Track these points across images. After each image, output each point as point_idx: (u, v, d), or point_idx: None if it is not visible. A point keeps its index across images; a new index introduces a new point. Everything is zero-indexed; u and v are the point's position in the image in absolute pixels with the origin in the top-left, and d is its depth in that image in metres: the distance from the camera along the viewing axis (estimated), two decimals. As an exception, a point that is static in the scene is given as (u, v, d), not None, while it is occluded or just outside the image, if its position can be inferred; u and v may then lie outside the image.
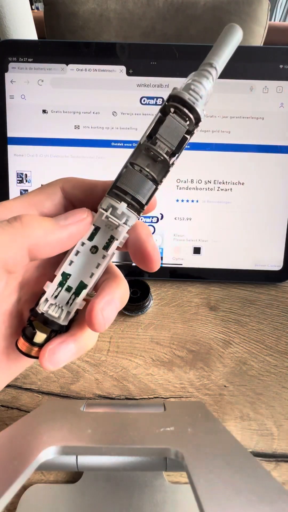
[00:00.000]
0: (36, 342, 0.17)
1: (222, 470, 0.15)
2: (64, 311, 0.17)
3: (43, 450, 0.17)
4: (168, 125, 0.15)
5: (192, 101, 0.15)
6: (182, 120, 0.15)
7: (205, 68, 0.16)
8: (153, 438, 0.18)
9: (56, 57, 0.35)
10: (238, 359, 0.31)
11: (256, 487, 0.14)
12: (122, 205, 0.16)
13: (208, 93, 0.16)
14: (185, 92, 0.15)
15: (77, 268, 0.17)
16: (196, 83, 0.15)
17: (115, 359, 0.31)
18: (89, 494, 0.22)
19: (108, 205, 0.16)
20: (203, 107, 0.16)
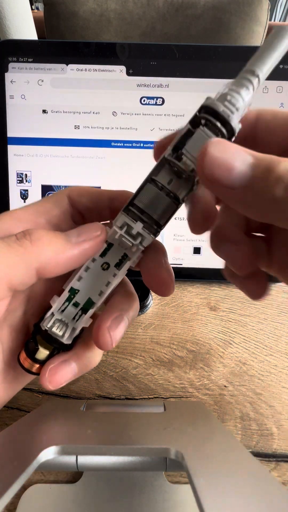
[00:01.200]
0: (37, 359, 0.16)
1: (222, 470, 0.15)
2: (69, 328, 0.16)
3: (43, 450, 0.17)
4: (197, 139, 0.14)
5: (227, 114, 0.13)
6: (213, 134, 0.14)
7: (245, 76, 0.14)
8: (153, 438, 0.18)
9: (56, 57, 0.35)
10: (238, 359, 0.31)
11: (256, 487, 0.14)
12: (138, 225, 0.15)
13: (246, 105, 0.14)
14: (219, 103, 0.13)
15: (86, 284, 0.16)
16: (234, 93, 0.14)
17: (115, 359, 0.31)
18: (89, 494, 0.22)
19: (123, 223, 0.15)
20: (238, 121, 0.14)
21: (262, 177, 0.12)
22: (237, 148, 0.12)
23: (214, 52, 0.34)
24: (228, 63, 0.34)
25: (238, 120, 0.14)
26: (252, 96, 0.14)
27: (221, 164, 0.12)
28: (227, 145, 0.12)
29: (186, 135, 0.14)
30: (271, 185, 0.12)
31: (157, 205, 0.15)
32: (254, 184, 0.12)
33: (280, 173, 0.11)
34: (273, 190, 0.11)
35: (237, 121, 0.14)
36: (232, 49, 0.34)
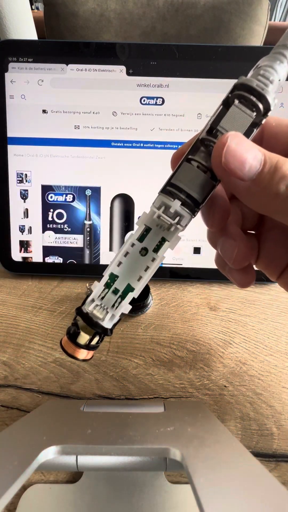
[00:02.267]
0: (79, 343, 0.16)
1: (222, 470, 0.15)
2: (109, 314, 0.16)
3: (43, 450, 0.17)
4: (232, 115, 0.14)
5: (261, 87, 0.13)
6: (248, 109, 0.14)
7: (278, 50, 0.14)
8: (153, 438, 0.18)
9: (56, 57, 0.35)
10: (238, 359, 0.31)
11: (256, 487, 0.14)
12: (175, 203, 0.14)
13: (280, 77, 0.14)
14: (252, 78, 0.13)
15: (125, 270, 0.16)
16: (267, 68, 0.13)
17: (115, 359, 0.31)
18: (89, 494, 0.22)
19: (161, 203, 0.15)
20: (274, 95, 0.14)
21: (269, 173, 0.13)
22: (250, 143, 0.13)
23: (214, 52, 0.34)
24: (228, 63, 0.34)
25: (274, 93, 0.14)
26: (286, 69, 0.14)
27: (236, 156, 0.13)
28: (243, 139, 0.13)
29: (220, 114, 0.14)
30: (276, 181, 0.13)
31: (195, 183, 0.14)
32: (262, 179, 0.13)
33: (285, 172, 0.13)
34: (278, 186, 0.13)
35: (273, 95, 0.14)
36: (232, 49, 0.34)
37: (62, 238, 0.39)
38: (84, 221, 0.38)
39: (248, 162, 0.13)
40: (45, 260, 0.39)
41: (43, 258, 0.39)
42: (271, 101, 0.14)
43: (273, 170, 0.13)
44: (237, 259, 0.18)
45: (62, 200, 0.38)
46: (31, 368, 0.31)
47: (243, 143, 0.13)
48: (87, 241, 0.39)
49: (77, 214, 0.38)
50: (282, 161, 0.13)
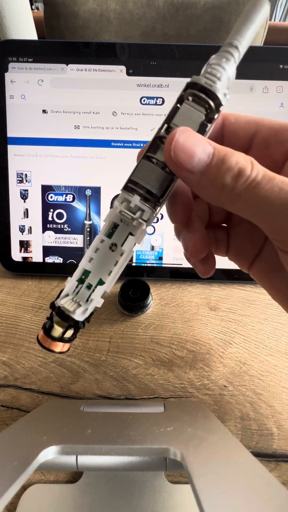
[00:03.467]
0: (53, 336, 0.17)
1: (222, 470, 0.15)
2: (81, 307, 0.17)
3: (43, 450, 0.17)
4: (183, 113, 0.15)
5: (209, 84, 0.14)
6: (199, 106, 0.15)
7: (225, 48, 0.15)
8: (153, 438, 0.18)
9: (56, 57, 0.35)
10: (238, 359, 0.31)
11: (256, 487, 0.14)
12: (135, 198, 0.15)
13: (228, 75, 0.15)
14: (200, 77, 0.14)
15: (97, 265, 0.17)
16: (214, 66, 0.14)
17: (115, 359, 0.31)
18: (89, 494, 0.22)
19: (123, 199, 0.16)
20: (225, 90, 0.15)
21: (217, 165, 0.14)
22: (200, 137, 0.14)
23: (214, 52, 0.34)
24: (228, 63, 0.34)
25: (224, 89, 0.15)
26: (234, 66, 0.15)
27: (184, 150, 0.14)
28: (192, 133, 0.14)
29: (174, 111, 0.15)
30: (222, 173, 0.14)
31: (153, 178, 0.15)
32: (210, 171, 0.14)
33: (231, 164, 0.13)
34: (224, 177, 0.14)
35: (223, 91, 0.14)
36: (232, 49, 0.34)
37: (62, 238, 0.39)
38: (84, 221, 0.38)
39: (197, 155, 0.14)
40: (45, 260, 0.39)
41: (43, 258, 0.39)
42: (221, 97, 0.14)
43: (220, 162, 0.14)
44: (192, 251, 0.19)
45: (62, 200, 0.38)
46: (31, 368, 0.31)
47: (192, 137, 0.14)
48: (87, 241, 0.39)
49: (77, 214, 0.38)
50: (230, 154, 0.14)
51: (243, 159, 0.14)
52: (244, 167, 0.13)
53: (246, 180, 0.13)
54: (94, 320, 0.34)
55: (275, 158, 0.17)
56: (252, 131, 0.17)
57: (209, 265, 0.20)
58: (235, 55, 0.14)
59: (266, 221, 0.14)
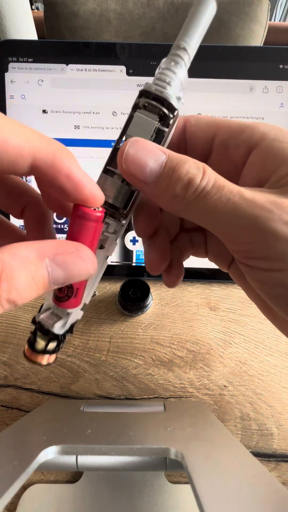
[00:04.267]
0: (37, 349, 0.17)
1: (222, 470, 0.15)
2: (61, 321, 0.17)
3: (43, 450, 0.17)
4: (136, 122, 0.14)
5: (159, 91, 0.14)
6: (152, 113, 0.14)
7: (174, 52, 0.14)
8: (153, 438, 0.18)
9: (56, 57, 0.35)
10: (238, 359, 0.31)
11: (256, 487, 0.14)
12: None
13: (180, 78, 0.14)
14: (151, 84, 0.14)
15: None
16: (164, 70, 0.14)
17: (115, 359, 0.31)
18: (89, 494, 0.22)
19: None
20: (178, 94, 0.14)
21: (168, 175, 0.13)
22: (153, 147, 0.14)
23: (214, 52, 0.34)
24: (228, 63, 0.34)
25: (176, 93, 0.14)
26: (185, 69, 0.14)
27: (135, 161, 0.13)
28: (143, 144, 0.14)
29: (128, 121, 0.15)
30: (173, 183, 0.13)
31: (113, 192, 0.15)
32: (161, 181, 0.13)
33: (181, 174, 0.13)
34: (174, 187, 0.13)
35: (176, 95, 0.14)
36: (232, 49, 0.34)
37: (62, 238, 0.39)
38: (84, 221, 0.38)
39: (148, 166, 0.13)
40: (45, 260, 0.39)
41: (43, 258, 0.39)
42: (173, 101, 0.14)
43: (171, 172, 0.13)
44: (148, 267, 0.19)
45: (62, 200, 0.38)
46: (31, 368, 0.31)
47: (143, 148, 0.13)
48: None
49: (77, 214, 0.38)
50: (182, 162, 0.13)
51: (194, 168, 0.13)
52: (194, 176, 0.13)
53: (195, 190, 0.13)
54: (94, 320, 0.34)
55: (235, 161, 0.16)
56: (211, 133, 0.16)
57: (172, 276, 0.20)
58: (184, 58, 0.14)
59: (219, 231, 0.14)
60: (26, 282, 0.12)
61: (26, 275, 0.12)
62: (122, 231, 0.16)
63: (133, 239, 0.38)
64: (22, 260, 0.12)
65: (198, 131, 0.17)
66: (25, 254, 0.12)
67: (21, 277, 0.12)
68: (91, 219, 0.14)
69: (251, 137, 0.15)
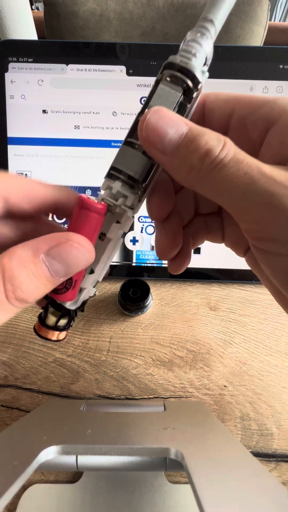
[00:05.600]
0: (48, 325, 0.17)
1: (222, 470, 0.15)
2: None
3: (43, 450, 0.17)
4: (160, 94, 0.14)
5: (184, 62, 0.14)
6: (175, 85, 0.14)
7: (200, 23, 0.14)
8: (153, 438, 0.18)
9: (56, 57, 0.35)
10: (238, 359, 0.31)
11: (256, 487, 0.14)
12: (116, 184, 0.15)
13: (205, 50, 0.14)
14: (177, 56, 0.14)
15: None
16: (190, 42, 0.14)
17: (115, 359, 0.31)
18: (89, 494, 0.22)
19: (106, 186, 0.16)
20: (201, 68, 0.14)
21: (186, 146, 0.13)
22: (175, 117, 0.13)
23: (214, 52, 0.34)
24: (228, 63, 0.34)
25: (201, 66, 0.14)
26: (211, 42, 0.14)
27: (156, 130, 0.13)
28: (166, 113, 0.13)
29: (151, 93, 0.14)
30: (190, 153, 0.13)
31: (133, 163, 0.15)
32: (179, 152, 0.13)
33: (199, 144, 0.13)
34: (191, 158, 0.13)
35: (200, 68, 0.14)
36: (232, 49, 0.34)
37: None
38: (84, 221, 0.38)
39: (168, 136, 0.13)
40: (45, 260, 0.39)
41: (43, 258, 0.39)
42: (198, 74, 0.14)
43: (190, 142, 0.13)
44: (158, 252, 0.19)
45: (62, 200, 0.38)
46: (31, 368, 0.31)
47: (165, 118, 0.13)
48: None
49: (77, 214, 0.38)
50: (202, 134, 0.13)
51: (215, 139, 0.13)
52: (213, 147, 0.13)
53: (213, 161, 0.13)
54: (94, 320, 0.34)
55: (253, 139, 0.15)
56: (230, 109, 0.16)
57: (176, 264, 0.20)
58: (211, 30, 0.14)
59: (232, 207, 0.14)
60: (28, 279, 0.12)
61: (27, 273, 0.12)
62: (138, 207, 0.16)
63: (133, 239, 0.38)
64: (20, 260, 0.12)
65: (216, 108, 0.16)
66: (21, 253, 0.13)
67: (22, 275, 0.12)
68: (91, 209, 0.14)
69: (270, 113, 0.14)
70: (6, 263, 0.12)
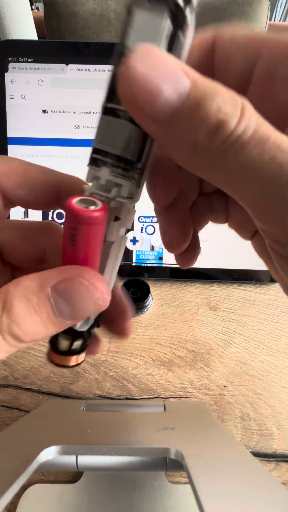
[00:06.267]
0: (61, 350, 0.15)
1: (222, 470, 0.15)
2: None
3: (43, 450, 0.17)
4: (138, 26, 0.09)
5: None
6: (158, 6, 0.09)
7: None
8: (153, 438, 0.18)
9: (56, 57, 0.35)
10: (238, 359, 0.31)
11: (256, 487, 0.14)
12: (103, 171, 0.11)
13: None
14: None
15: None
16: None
17: (115, 359, 0.31)
18: (89, 494, 0.22)
19: (92, 177, 0.12)
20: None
21: (189, 113, 0.09)
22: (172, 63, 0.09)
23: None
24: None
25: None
26: None
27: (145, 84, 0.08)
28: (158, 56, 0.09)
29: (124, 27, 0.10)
30: (195, 125, 0.09)
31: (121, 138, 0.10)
32: (179, 121, 0.09)
33: (209, 111, 0.08)
34: (196, 131, 0.09)
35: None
36: (232, 49, 0.34)
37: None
38: (84, 221, 0.38)
39: (164, 94, 0.08)
40: (45, 260, 0.39)
41: (43, 258, 0.39)
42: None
43: (195, 107, 0.08)
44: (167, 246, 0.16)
45: (62, 200, 0.38)
46: (31, 368, 0.31)
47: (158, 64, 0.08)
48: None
49: (77, 214, 0.38)
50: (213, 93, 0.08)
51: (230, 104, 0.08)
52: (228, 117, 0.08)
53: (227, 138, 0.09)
54: (94, 320, 0.34)
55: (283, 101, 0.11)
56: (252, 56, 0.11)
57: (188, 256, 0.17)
58: None
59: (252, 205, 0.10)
60: (27, 314, 0.11)
61: (27, 306, 0.10)
62: (139, 194, 0.12)
63: (133, 239, 0.38)
64: (24, 291, 0.11)
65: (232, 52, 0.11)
66: (28, 284, 0.11)
67: (22, 308, 0.10)
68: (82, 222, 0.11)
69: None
70: (11, 291, 0.11)
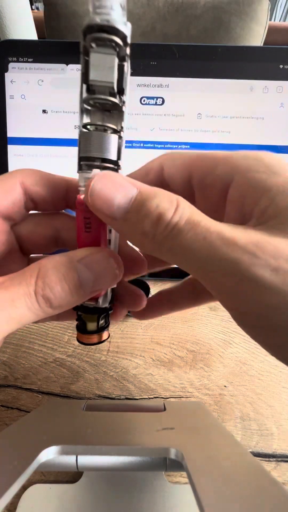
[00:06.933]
0: (91, 331, 0.17)
1: (222, 470, 0.15)
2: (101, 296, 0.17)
3: (43, 450, 0.17)
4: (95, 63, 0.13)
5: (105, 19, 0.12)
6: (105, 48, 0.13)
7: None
8: (153, 438, 0.18)
9: (56, 57, 0.35)
10: (238, 359, 0.31)
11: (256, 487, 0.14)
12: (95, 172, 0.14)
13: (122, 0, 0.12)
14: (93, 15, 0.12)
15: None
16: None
17: (115, 359, 0.31)
18: (89, 494, 0.22)
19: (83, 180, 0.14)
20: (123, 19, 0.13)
21: (136, 211, 0.12)
22: (123, 181, 0.13)
23: (214, 52, 0.34)
24: (228, 63, 0.34)
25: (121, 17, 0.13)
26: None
27: (102, 196, 0.12)
28: (112, 178, 0.13)
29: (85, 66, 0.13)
30: (141, 219, 0.12)
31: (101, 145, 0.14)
32: (130, 217, 0.12)
33: (150, 208, 0.12)
34: (142, 224, 0.12)
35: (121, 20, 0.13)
36: (232, 49, 0.34)
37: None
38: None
39: (116, 201, 0.12)
40: (45, 260, 0.39)
41: (43, 258, 0.39)
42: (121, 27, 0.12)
43: (139, 207, 0.12)
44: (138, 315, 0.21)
45: (62, 200, 0.38)
46: (31, 368, 0.31)
47: (111, 183, 0.12)
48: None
49: (77, 214, 0.38)
50: (152, 196, 0.12)
51: (166, 201, 0.12)
52: (164, 210, 0.11)
53: (166, 226, 0.11)
54: (94, 320, 0.34)
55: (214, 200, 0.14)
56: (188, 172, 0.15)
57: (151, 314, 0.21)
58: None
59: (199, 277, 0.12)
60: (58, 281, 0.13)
61: (58, 275, 0.13)
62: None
63: (133, 239, 0.38)
64: (55, 263, 0.13)
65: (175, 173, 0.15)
66: (58, 258, 0.13)
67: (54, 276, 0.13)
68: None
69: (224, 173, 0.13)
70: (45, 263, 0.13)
